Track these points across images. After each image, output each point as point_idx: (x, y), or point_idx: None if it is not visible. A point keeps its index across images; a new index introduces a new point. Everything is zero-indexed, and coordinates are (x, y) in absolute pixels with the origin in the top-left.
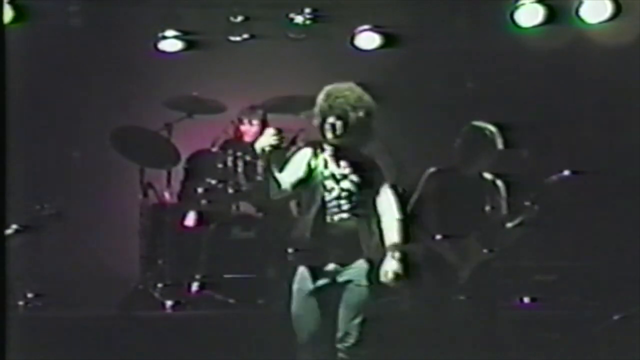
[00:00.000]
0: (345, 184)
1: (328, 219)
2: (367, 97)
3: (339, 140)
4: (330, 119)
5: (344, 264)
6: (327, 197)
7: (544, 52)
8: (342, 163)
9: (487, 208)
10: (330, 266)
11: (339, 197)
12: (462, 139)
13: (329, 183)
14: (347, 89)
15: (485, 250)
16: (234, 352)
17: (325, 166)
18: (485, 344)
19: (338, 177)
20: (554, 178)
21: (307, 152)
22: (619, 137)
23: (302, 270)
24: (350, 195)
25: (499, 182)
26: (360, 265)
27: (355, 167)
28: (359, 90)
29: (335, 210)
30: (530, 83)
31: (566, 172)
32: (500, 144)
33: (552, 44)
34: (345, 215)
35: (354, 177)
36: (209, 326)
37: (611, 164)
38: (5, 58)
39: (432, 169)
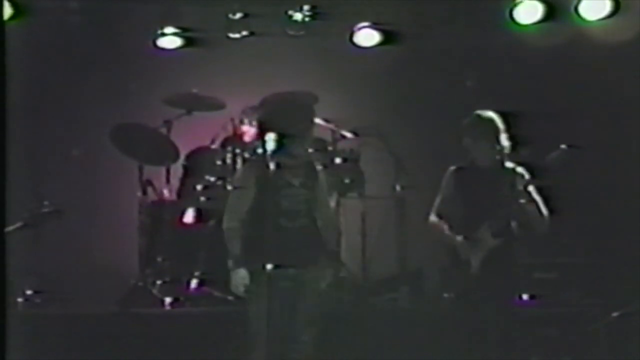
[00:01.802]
0: (300, 191)
1: (288, 224)
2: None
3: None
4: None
5: (302, 265)
6: (285, 203)
7: (543, 49)
8: (292, 171)
9: (514, 195)
10: (290, 270)
11: (297, 203)
12: (468, 132)
13: (285, 191)
14: None
15: (494, 239)
16: (233, 349)
17: (279, 177)
18: (484, 342)
19: (294, 184)
20: (552, 155)
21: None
22: (618, 134)
23: (259, 273)
24: (305, 200)
25: (520, 169)
26: (316, 268)
27: (304, 174)
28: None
29: (294, 215)
30: (529, 80)
31: (563, 146)
32: (503, 130)
33: (551, 41)
34: (303, 220)
35: (306, 183)
36: (208, 323)
37: (610, 160)
38: (4, 55)
39: (452, 167)
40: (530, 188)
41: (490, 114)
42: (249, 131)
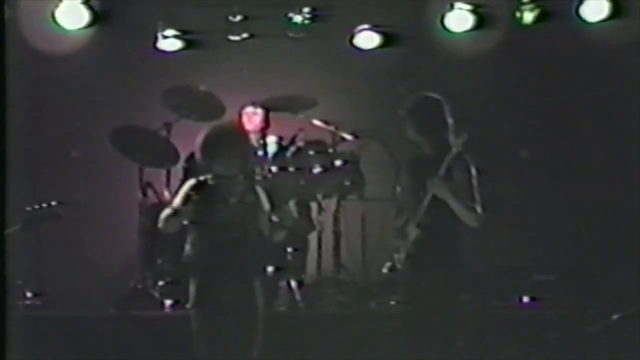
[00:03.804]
0: (236, 208)
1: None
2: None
3: None
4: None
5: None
6: (219, 218)
7: (546, 50)
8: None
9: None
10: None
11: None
12: (412, 107)
13: (220, 207)
14: None
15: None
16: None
17: (215, 193)
18: (484, 343)
19: (230, 202)
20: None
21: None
22: (619, 135)
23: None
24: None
25: (467, 159)
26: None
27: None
28: None
29: (227, 229)
30: (530, 81)
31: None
32: (449, 116)
33: (552, 42)
34: (235, 233)
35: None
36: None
37: (610, 162)
38: (5, 57)
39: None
40: (474, 181)
41: (436, 95)
42: (251, 118)
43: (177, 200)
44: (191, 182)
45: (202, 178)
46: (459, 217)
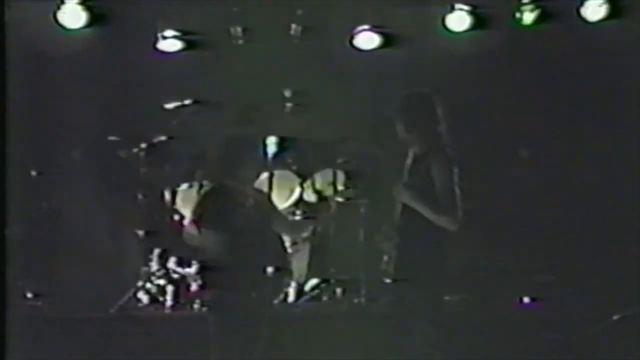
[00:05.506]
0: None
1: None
2: None
3: None
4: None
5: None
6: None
7: (546, 50)
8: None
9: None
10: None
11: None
12: (401, 106)
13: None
14: None
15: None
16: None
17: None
18: (484, 343)
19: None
20: None
21: None
22: (620, 134)
23: None
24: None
25: (450, 158)
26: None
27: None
28: None
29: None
30: (529, 82)
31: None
32: (440, 111)
33: (552, 42)
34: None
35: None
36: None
37: (611, 162)
38: (5, 57)
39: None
40: (455, 178)
41: (425, 90)
42: None
43: (194, 209)
44: (206, 189)
45: (217, 184)
46: (434, 222)
